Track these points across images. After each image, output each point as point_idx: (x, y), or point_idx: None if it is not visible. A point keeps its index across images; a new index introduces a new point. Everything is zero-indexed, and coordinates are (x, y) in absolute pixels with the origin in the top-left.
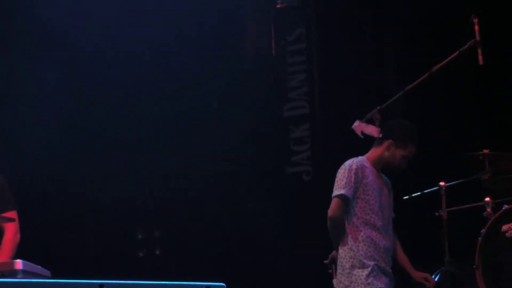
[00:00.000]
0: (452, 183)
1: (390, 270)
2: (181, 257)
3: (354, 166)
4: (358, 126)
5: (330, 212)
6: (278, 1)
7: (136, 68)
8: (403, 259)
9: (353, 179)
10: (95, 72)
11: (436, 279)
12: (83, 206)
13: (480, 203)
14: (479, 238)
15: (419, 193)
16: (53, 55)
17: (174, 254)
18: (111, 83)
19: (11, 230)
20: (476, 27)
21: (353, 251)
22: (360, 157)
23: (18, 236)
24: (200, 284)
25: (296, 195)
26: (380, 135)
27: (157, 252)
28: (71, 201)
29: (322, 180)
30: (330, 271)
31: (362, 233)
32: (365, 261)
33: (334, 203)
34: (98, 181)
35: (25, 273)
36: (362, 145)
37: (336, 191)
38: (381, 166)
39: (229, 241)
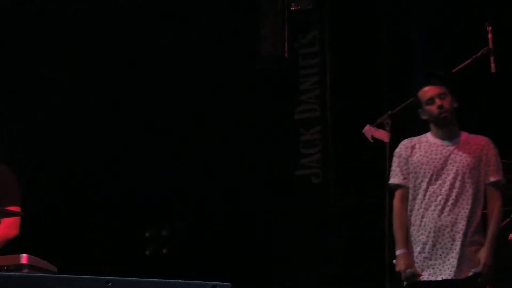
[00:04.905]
0: None
1: (446, 250)
2: (187, 256)
3: (397, 150)
4: (369, 130)
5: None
6: (293, 3)
7: (150, 65)
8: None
9: (398, 163)
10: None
11: None
12: (90, 202)
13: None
14: None
15: None
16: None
17: (181, 253)
18: (126, 81)
19: (6, 224)
20: (490, 35)
21: (411, 236)
22: (418, 136)
23: (14, 232)
24: (206, 283)
25: (305, 197)
26: None
27: (164, 251)
28: (78, 197)
29: (331, 183)
30: None
31: (414, 214)
32: (414, 244)
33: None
34: (106, 177)
35: (31, 267)
36: (373, 148)
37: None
38: (443, 129)
39: (237, 241)
